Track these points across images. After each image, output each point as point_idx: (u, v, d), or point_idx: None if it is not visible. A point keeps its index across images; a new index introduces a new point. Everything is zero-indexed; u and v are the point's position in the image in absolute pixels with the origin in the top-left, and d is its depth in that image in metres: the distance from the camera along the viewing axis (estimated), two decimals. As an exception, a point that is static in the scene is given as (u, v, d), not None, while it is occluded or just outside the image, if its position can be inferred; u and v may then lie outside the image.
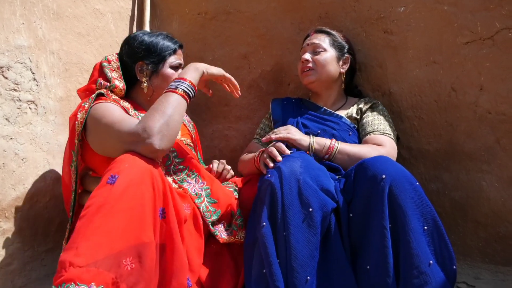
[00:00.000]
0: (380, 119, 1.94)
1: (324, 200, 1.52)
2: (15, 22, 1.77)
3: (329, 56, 2.02)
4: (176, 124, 1.47)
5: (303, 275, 1.42)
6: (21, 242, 1.78)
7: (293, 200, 1.48)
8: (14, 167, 1.74)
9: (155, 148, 1.38)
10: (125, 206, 1.25)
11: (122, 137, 1.43)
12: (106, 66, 1.74)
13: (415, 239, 1.41)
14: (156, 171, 1.37)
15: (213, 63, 2.46)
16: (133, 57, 1.76)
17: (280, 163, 1.58)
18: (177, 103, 1.49)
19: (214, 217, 1.63)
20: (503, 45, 1.85)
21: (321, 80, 2.02)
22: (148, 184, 1.31)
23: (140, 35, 1.79)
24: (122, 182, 1.27)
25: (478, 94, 1.92)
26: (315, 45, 2.04)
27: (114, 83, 1.70)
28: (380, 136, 1.86)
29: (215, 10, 2.44)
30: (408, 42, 2.06)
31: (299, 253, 1.43)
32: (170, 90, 1.52)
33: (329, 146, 1.79)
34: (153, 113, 1.43)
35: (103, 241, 1.19)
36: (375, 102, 2.04)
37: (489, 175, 1.93)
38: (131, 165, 1.32)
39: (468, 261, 1.99)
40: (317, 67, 2.01)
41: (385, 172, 1.49)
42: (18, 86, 1.77)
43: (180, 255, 1.36)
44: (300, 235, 1.45)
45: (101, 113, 1.53)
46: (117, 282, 1.18)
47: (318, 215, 1.49)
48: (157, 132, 1.39)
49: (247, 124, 2.46)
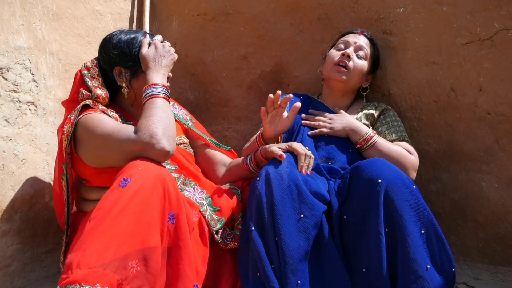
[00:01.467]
0: (394, 125, 1.93)
1: (315, 204, 1.52)
2: (15, 23, 1.77)
3: (365, 67, 1.98)
4: (173, 124, 1.51)
5: (293, 280, 1.43)
6: (21, 243, 1.78)
7: (284, 206, 1.48)
8: (14, 168, 1.74)
9: (167, 151, 1.43)
10: (134, 210, 1.27)
11: (125, 147, 1.44)
12: (85, 74, 1.68)
13: (413, 244, 1.41)
14: (169, 176, 1.38)
15: (212, 64, 2.48)
16: (110, 63, 1.69)
17: (268, 167, 1.57)
18: (166, 106, 1.53)
19: (219, 225, 1.62)
20: (502, 45, 1.85)
21: (347, 84, 1.98)
22: (159, 188, 1.32)
23: (114, 37, 1.70)
24: (133, 185, 1.29)
25: (477, 95, 1.93)
26: (362, 48, 1.97)
27: (96, 93, 1.64)
28: (404, 143, 1.87)
29: (215, 11, 2.44)
30: (407, 43, 2.06)
31: (290, 259, 1.44)
32: (152, 96, 1.54)
33: (370, 136, 1.83)
34: (150, 120, 1.46)
35: (111, 243, 1.21)
36: (384, 108, 2.00)
37: (489, 176, 1.93)
38: (144, 169, 1.35)
39: (468, 262, 1.99)
40: (352, 70, 1.94)
41: (381, 176, 1.49)
42: (17, 87, 1.77)
43: (189, 261, 1.37)
44: (291, 241, 1.45)
45: (93, 124, 1.52)
46: (122, 284, 1.19)
47: (309, 220, 1.49)
48: (163, 136, 1.44)
49: (247, 124, 2.46)
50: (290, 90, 2.39)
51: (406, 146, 1.86)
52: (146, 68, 1.63)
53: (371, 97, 2.19)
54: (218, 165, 1.87)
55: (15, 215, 1.75)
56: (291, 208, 1.49)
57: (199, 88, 2.53)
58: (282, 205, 1.48)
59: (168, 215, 1.34)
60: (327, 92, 2.08)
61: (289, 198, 1.50)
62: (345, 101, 2.05)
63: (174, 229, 1.35)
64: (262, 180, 1.54)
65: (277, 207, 1.48)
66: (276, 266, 1.45)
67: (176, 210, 1.36)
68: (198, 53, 2.50)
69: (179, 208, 1.38)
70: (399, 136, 1.90)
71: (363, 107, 2.03)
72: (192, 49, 2.51)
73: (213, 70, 2.48)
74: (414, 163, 1.81)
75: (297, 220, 1.48)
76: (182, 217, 1.38)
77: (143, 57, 1.64)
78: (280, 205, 1.48)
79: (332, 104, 2.05)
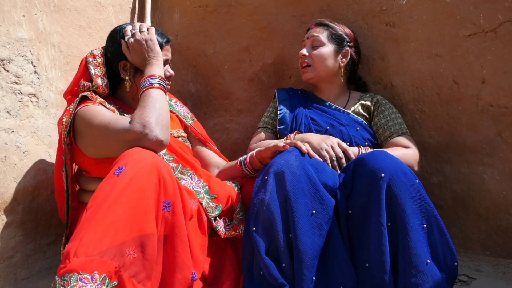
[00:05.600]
0: (392, 118, 1.95)
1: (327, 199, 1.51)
2: (16, 15, 1.77)
3: (326, 51, 2.00)
4: (167, 114, 1.54)
5: (309, 276, 1.42)
6: (23, 235, 1.78)
7: (297, 203, 1.47)
8: (16, 160, 1.74)
9: (160, 140, 1.45)
10: (129, 197, 1.28)
11: (121, 136, 1.46)
12: (90, 61, 1.70)
13: (414, 238, 1.41)
14: (164, 165, 1.39)
15: (214, 56, 2.47)
16: (117, 56, 1.71)
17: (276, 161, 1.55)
18: (160, 96, 1.55)
19: (216, 212, 1.63)
20: (505, 37, 1.84)
21: (319, 75, 2.02)
22: (153, 176, 1.33)
23: (124, 30, 1.72)
24: (127, 174, 1.30)
25: (480, 87, 1.92)
26: (314, 38, 2.02)
27: (97, 83, 1.66)
28: (402, 139, 1.89)
29: (216, 3, 2.43)
30: (410, 35, 2.05)
31: (305, 256, 1.43)
32: (148, 87, 1.56)
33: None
34: (144, 110, 1.49)
35: (108, 231, 1.22)
36: (378, 98, 2.02)
37: (491, 168, 1.93)
38: (138, 157, 1.36)
39: (469, 254, 1.99)
40: (314, 62, 2.00)
41: (384, 169, 1.48)
42: (19, 79, 1.77)
43: (185, 249, 1.38)
44: (306, 238, 1.44)
45: (91, 115, 1.54)
46: (119, 270, 1.20)
47: (321, 216, 1.48)
48: (156, 125, 1.46)
49: (248, 117, 2.46)
50: (292, 82, 2.38)
51: (404, 142, 1.87)
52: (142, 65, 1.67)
53: (372, 88, 2.19)
54: (212, 166, 1.90)
55: (18, 207, 1.76)
56: (303, 204, 1.47)
57: (201, 81, 2.53)
58: (295, 201, 1.46)
59: (163, 203, 1.35)
60: (314, 87, 2.14)
61: (301, 194, 1.48)
62: (335, 89, 2.07)
63: (170, 217, 1.36)
64: (271, 175, 1.52)
65: (291, 203, 1.46)
66: (286, 264, 1.44)
67: (171, 198, 1.37)
68: (199, 45, 2.49)
69: (175, 196, 1.38)
70: (397, 129, 1.91)
71: (359, 99, 2.05)
72: (194, 41, 2.50)
73: (215, 62, 2.47)
74: (415, 157, 1.83)
75: (310, 215, 1.47)
76: (177, 205, 1.38)
77: (132, 60, 1.68)
78: (293, 201, 1.46)
79: (325, 97, 2.08)
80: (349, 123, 1.94)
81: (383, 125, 1.94)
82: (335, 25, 2.06)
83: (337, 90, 2.08)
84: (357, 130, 1.92)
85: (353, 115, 1.98)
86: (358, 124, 1.94)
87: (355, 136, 1.90)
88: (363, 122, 1.97)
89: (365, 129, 1.95)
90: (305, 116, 1.99)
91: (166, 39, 1.79)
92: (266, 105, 2.34)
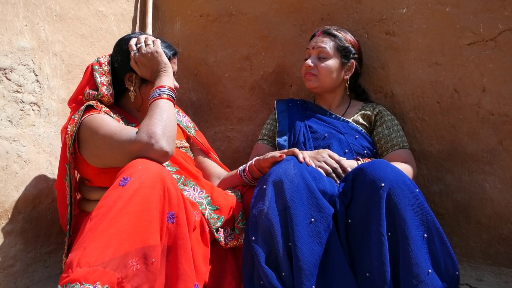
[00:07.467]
0: (395, 130, 1.96)
1: (326, 207, 1.51)
2: (18, 24, 1.78)
3: (332, 64, 1.99)
4: (174, 125, 1.53)
5: (308, 285, 1.42)
6: (24, 243, 1.78)
7: (296, 211, 1.47)
8: (17, 169, 1.74)
9: (165, 151, 1.45)
10: (134, 208, 1.28)
11: (126, 146, 1.46)
12: (96, 69, 1.70)
13: (415, 248, 1.41)
14: (169, 176, 1.39)
15: (215, 65, 2.48)
16: (122, 66, 1.72)
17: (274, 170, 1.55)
18: (168, 107, 1.55)
19: (218, 223, 1.63)
20: (505, 46, 1.85)
21: (323, 87, 2.01)
22: (158, 187, 1.33)
23: (129, 45, 1.70)
24: (133, 184, 1.30)
25: (481, 96, 1.92)
26: (320, 49, 1.99)
27: (102, 92, 1.66)
28: (403, 152, 1.90)
29: (217, 12, 2.45)
30: (410, 44, 2.06)
31: (304, 264, 1.42)
32: (157, 98, 1.56)
33: None
34: (151, 120, 1.48)
35: (111, 242, 1.22)
36: (380, 109, 2.02)
37: (492, 177, 1.93)
38: (144, 168, 1.36)
39: (471, 263, 1.98)
40: (320, 74, 1.99)
41: (384, 178, 1.48)
42: (21, 88, 1.78)
43: (189, 261, 1.37)
44: (304, 246, 1.44)
45: (96, 125, 1.54)
46: (122, 282, 1.20)
47: (320, 224, 1.48)
48: (162, 135, 1.45)
49: (249, 125, 2.46)
50: (293, 91, 2.39)
51: (404, 156, 1.89)
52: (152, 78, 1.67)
53: (373, 97, 2.19)
54: (213, 177, 1.89)
55: (18, 216, 1.76)
56: (302, 212, 1.47)
57: (202, 89, 2.53)
58: (294, 209, 1.46)
59: (167, 214, 1.35)
60: (316, 96, 2.14)
61: (300, 202, 1.48)
62: (337, 98, 2.07)
63: (174, 228, 1.36)
64: (270, 184, 1.52)
65: (290, 212, 1.46)
66: (286, 273, 1.44)
67: (176, 209, 1.37)
68: (200, 54, 2.50)
69: (179, 207, 1.38)
70: (399, 142, 1.93)
71: (360, 109, 2.05)
72: (195, 50, 2.51)
73: (216, 71, 2.48)
74: (412, 174, 1.84)
75: (308, 223, 1.47)
76: (181, 217, 1.38)
77: (142, 74, 1.68)
78: (292, 209, 1.46)
79: (327, 106, 2.08)
80: (348, 131, 1.94)
81: (386, 136, 1.95)
82: (342, 34, 2.03)
83: (338, 99, 2.08)
84: (356, 138, 1.93)
85: (352, 123, 1.98)
86: (357, 133, 1.95)
87: (353, 144, 1.90)
88: (362, 131, 1.97)
89: (364, 138, 1.95)
90: (304, 125, 1.99)
91: (174, 51, 1.79)
92: (266, 114, 2.34)
